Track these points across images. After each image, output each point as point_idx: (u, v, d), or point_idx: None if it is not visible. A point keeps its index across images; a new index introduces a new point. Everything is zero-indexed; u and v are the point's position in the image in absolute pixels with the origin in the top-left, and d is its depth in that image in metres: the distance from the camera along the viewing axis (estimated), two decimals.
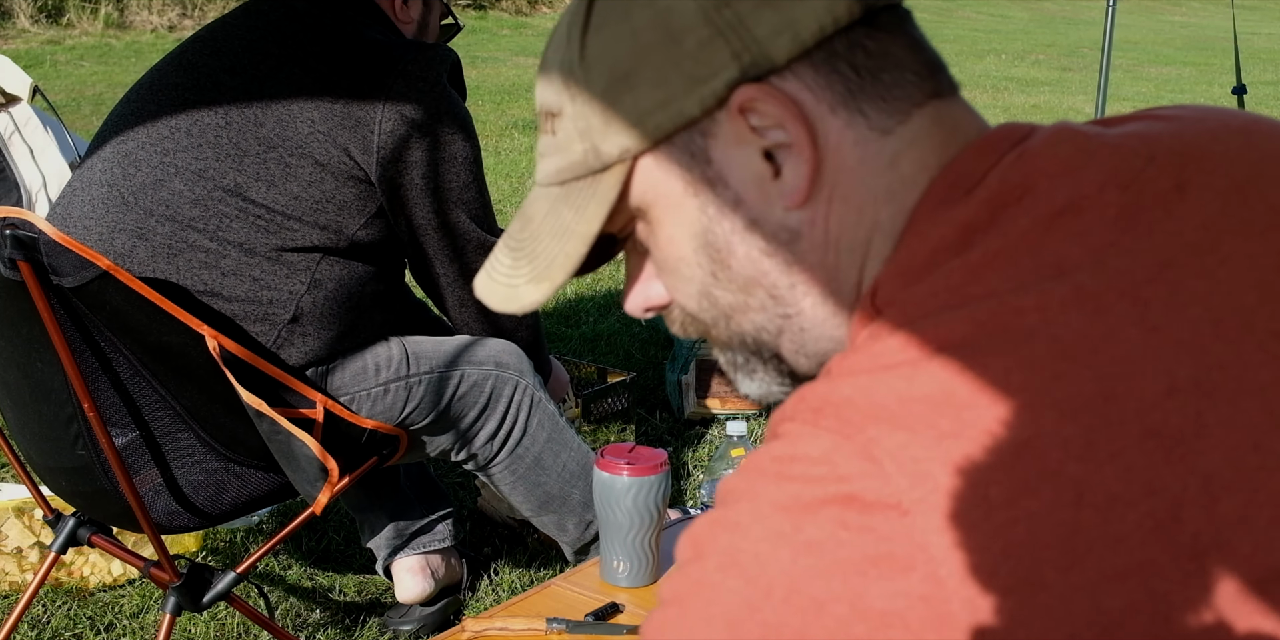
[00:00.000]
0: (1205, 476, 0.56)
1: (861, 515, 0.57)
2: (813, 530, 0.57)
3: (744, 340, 0.75)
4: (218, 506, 1.75)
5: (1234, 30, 3.69)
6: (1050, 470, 0.55)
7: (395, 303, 1.87)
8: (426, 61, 1.72)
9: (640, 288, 0.78)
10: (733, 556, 0.60)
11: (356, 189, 1.70)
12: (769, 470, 0.61)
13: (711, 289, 0.73)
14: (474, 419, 1.87)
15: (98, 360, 1.59)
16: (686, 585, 0.62)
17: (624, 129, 0.70)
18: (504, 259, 0.77)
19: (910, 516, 0.56)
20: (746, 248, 0.70)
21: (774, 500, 0.59)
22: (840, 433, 0.59)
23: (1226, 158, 0.67)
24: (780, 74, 0.67)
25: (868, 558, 0.56)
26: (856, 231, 0.69)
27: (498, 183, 5.67)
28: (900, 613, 0.56)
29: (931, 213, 0.66)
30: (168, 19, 10.38)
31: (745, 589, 0.59)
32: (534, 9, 13.29)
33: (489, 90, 8.48)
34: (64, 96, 7.26)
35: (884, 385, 0.59)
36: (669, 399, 3.13)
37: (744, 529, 0.60)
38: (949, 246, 0.64)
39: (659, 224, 0.73)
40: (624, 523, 1.48)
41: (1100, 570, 0.54)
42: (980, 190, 0.65)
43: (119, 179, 1.70)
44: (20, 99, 3.22)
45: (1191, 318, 0.59)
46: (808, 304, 0.71)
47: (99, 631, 2.09)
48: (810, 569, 0.57)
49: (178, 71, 1.77)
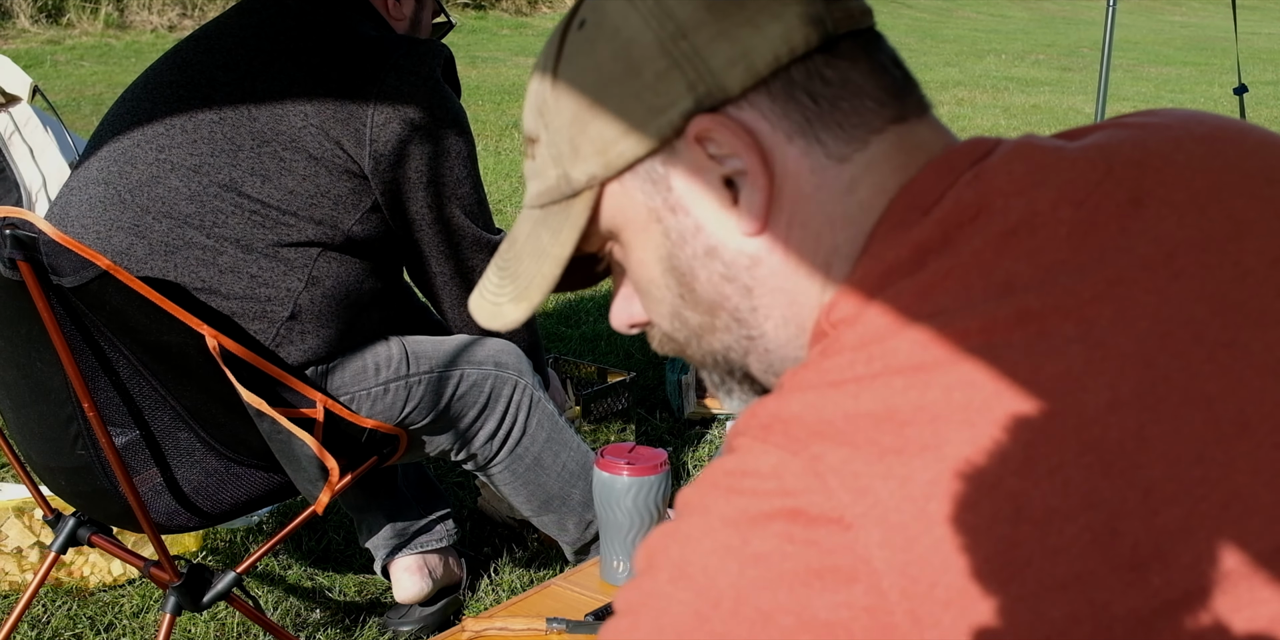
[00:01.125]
0: (1145, 489, 0.57)
1: (806, 529, 0.58)
2: (759, 543, 0.59)
3: (716, 359, 0.77)
4: (218, 506, 1.75)
5: (1235, 30, 3.69)
6: (989, 485, 0.57)
7: (394, 302, 1.87)
8: (419, 56, 1.73)
9: (623, 304, 0.81)
10: (682, 569, 0.62)
11: (351, 183, 1.70)
12: (720, 484, 0.63)
13: (681, 310, 0.75)
14: (473, 419, 1.87)
15: (97, 360, 1.59)
16: (639, 596, 0.64)
17: (590, 157, 0.72)
18: (493, 277, 0.80)
19: (853, 531, 0.57)
20: (708, 272, 0.72)
21: (723, 514, 0.61)
22: (787, 449, 0.61)
23: (1189, 168, 0.67)
24: (736, 103, 0.69)
25: (813, 570, 0.58)
26: (815, 256, 0.70)
27: (498, 183, 5.67)
28: (845, 624, 0.57)
29: (887, 234, 0.68)
30: (168, 19, 10.38)
31: (695, 600, 0.61)
32: (534, 9, 13.29)
33: (489, 90, 8.48)
34: (64, 96, 7.26)
35: (830, 402, 0.61)
36: (669, 399, 3.12)
37: (694, 541, 0.62)
38: (902, 266, 0.65)
39: (629, 247, 0.75)
40: (624, 523, 1.48)
41: (1040, 582, 0.56)
42: (936, 211, 0.66)
43: (115, 177, 1.70)
44: (20, 99, 3.22)
45: (1138, 332, 0.60)
46: (770, 327, 0.73)
47: (99, 631, 2.09)
48: (757, 581, 0.59)
49: (172, 70, 1.78)
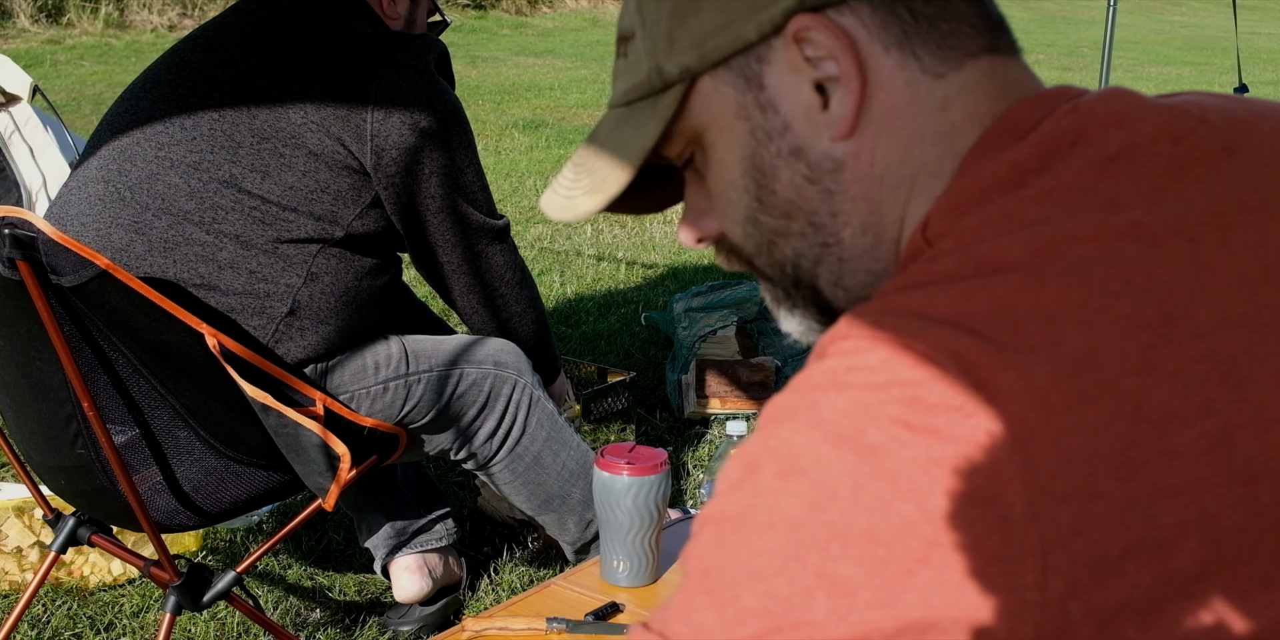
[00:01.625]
0: (1259, 405, 0.57)
1: (926, 416, 0.57)
2: (876, 433, 0.57)
3: (784, 270, 0.77)
4: (217, 505, 1.74)
5: (1235, 30, 3.69)
6: (1109, 382, 0.56)
7: (393, 300, 1.88)
8: (415, 51, 1.74)
9: (694, 219, 0.80)
10: (792, 463, 0.59)
11: (351, 179, 1.71)
12: (824, 383, 0.61)
13: (756, 214, 0.75)
14: (473, 417, 1.88)
15: (97, 359, 1.59)
16: (740, 499, 0.61)
17: (686, 49, 0.73)
18: (568, 173, 0.81)
19: (974, 419, 0.56)
20: (791, 173, 0.72)
21: (834, 406, 0.59)
22: (899, 343, 0.59)
23: (1274, 133, 0.68)
24: (838, 8, 0.70)
25: (933, 458, 0.56)
26: (902, 169, 0.71)
27: (498, 183, 5.67)
28: (963, 513, 0.56)
29: (983, 156, 0.68)
30: (168, 19, 10.38)
31: (809, 492, 0.58)
32: (534, 9, 13.29)
33: (489, 90, 8.48)
34: (64, 96, 7.26)
35: (941, 302, 0.60)
36: (669, 399, 3.12)
37: (803, 437, 0.59)
38: (1001, 184, 0.66)
39: (712, 148, 0.75)
40: (624, 522, 1.48)
41: (1154, 485, 0.55)
42: (1033, 136, 0.67)
43: (115, 175, 1.70)
44: (20, 99, 3.23)
45: (1241, 262, 0.60)
46: (847, 234, 0.73)
47: (99, 631, 2.09)
48: (876, 470, 0.57)
49: (170, 70, 1.79)
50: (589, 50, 11.16)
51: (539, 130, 7.14)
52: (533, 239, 4.77)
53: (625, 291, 4.12)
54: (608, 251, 4.65)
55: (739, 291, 3.45)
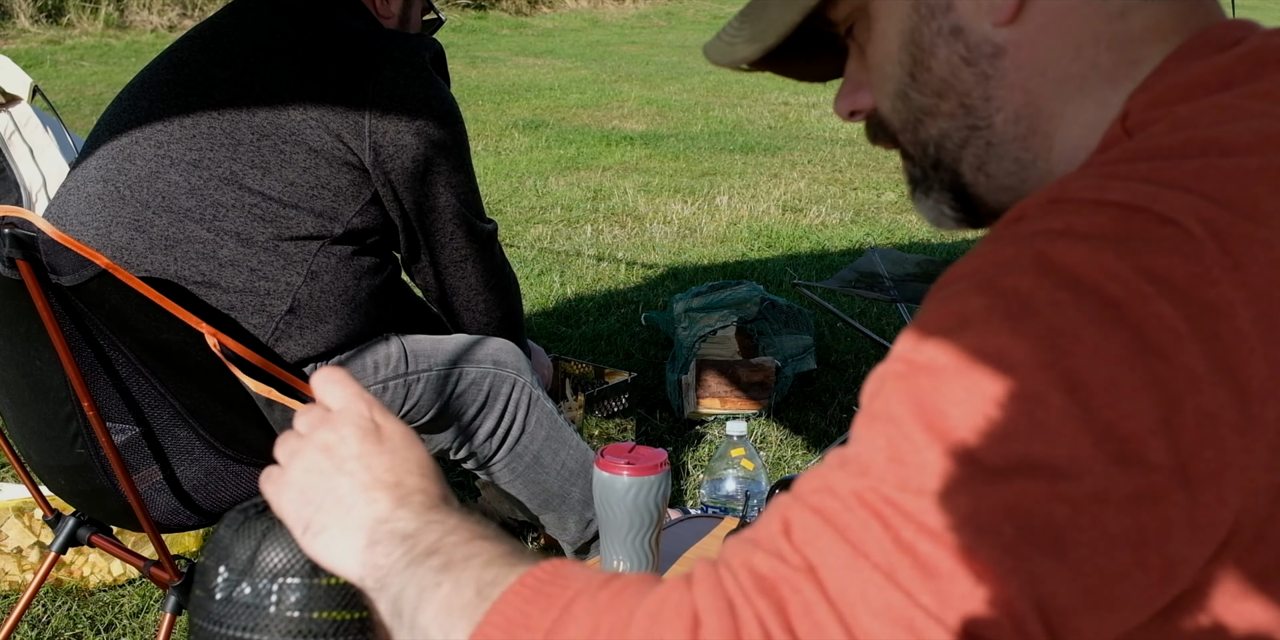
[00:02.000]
0: None
1: (1168, 276, 0.55)
2: (1116, 288, 0.55)
3: (927, 150, 0.77)
4: (217, 504, 1.74)
5: None
6: None
7: (393, 299, 1.88)
8: (412, 49, 1.76)
9: (850, 91, 0.81)
10: (1026, 305, 0.55)
11: (350, 175, 1.72)
12: (1035, 241, 0.57)
13: (908, 89, 0.75)
14: (473, 417, 1.88)
15: (96, 358, 1.58)
16: (955, 349, 0.56)
17: None
18: (734, 22, 0.80)
19: (1218, 287, 0.55)
20: (948, 52, 0.72)
21: (1066, 258, 0.56)
22: (1129, 204, 0.57)
23: None
24: None
25: (1177, 319, 0.54)
26: (1070, 66, 0.70)
27: (498, 182, 5.67)
28: (1206, 379, 0.54)
29: (1184, 61, 0.68)
30: (168, 19, 10.38)
31: (1049, 335, 0.55)
32: (534, 9, 13.30)
33: (489, 90, 8.48)
34: (64, 96, 7.26)
35: (1175, 174, 0.59)
36: (669, 399, 3.12)
37: (1031, 284, 0.56)
38: (1206, 84, 0.65)
39: (874, 18, 0.75)
40: (624, 523, 1.48)
41: None
42: (1238, 49, 0.67)
43: (114, 174, 1.70)
44: (20, 99, 3.23)
45: None
46: (999, 120, 0.73)
47: (99, 631, 2.09)
48: (1119, 320, 0.54)
49: (168, 69, 1.79)
50: (589, 50, 11.17)
51: (539, 130, 7.14)
52: (533, 239, 4.77)
53: (625, 291, 4.12)
54: (608, 251, 4.65)
55: (739, 291, 3.45)
